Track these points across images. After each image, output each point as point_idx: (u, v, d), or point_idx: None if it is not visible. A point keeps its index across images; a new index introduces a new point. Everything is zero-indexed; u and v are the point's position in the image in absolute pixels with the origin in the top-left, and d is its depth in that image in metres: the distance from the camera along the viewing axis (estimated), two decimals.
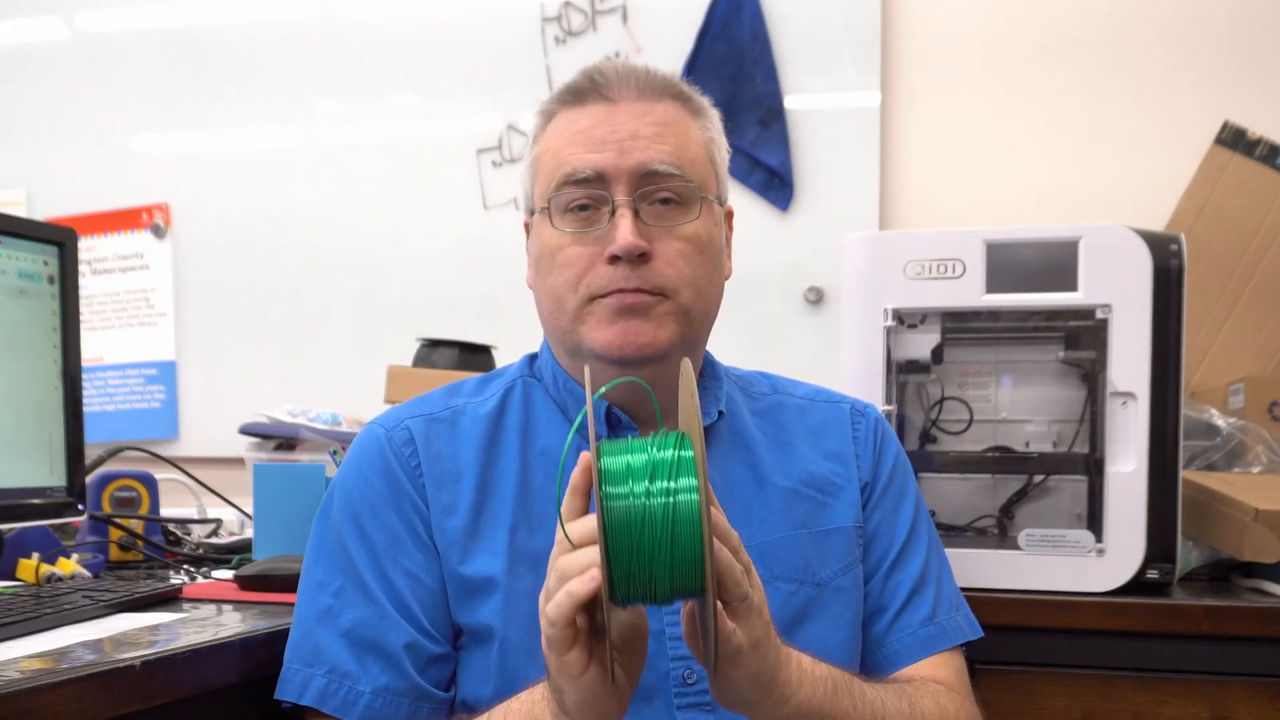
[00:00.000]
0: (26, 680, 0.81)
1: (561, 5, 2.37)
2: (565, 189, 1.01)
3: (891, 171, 2.23)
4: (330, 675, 0.98)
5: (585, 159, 1.01)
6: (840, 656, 1.05)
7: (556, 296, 1.03)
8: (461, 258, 2.43)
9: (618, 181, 1.00)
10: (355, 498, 1.03)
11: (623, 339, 1.00)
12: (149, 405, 2.62)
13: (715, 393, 1.11)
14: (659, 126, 1.03)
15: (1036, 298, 1.38)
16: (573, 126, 1.03)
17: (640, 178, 1.01)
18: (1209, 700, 1.31)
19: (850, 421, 1.16)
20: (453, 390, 1.12)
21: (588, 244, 1.01)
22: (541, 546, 1.00)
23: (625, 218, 0.99)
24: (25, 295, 1.29)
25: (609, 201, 1.01)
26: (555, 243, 1.03)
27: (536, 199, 1.06)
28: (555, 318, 1.04)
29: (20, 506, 1.28)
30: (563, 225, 1.02)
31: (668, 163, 1.01)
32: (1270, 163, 1.85)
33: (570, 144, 1.03)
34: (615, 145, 1.01)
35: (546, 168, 1.05)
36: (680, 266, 1.01)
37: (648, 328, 1.00)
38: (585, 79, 1.05)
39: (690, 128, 1.06)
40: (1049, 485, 1.46)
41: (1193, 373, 1.78)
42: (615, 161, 1.00)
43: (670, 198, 1.02)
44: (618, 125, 1.02)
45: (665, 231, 1.01)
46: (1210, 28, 2.09)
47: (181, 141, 2.60)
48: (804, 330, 2.23)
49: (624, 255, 0.98)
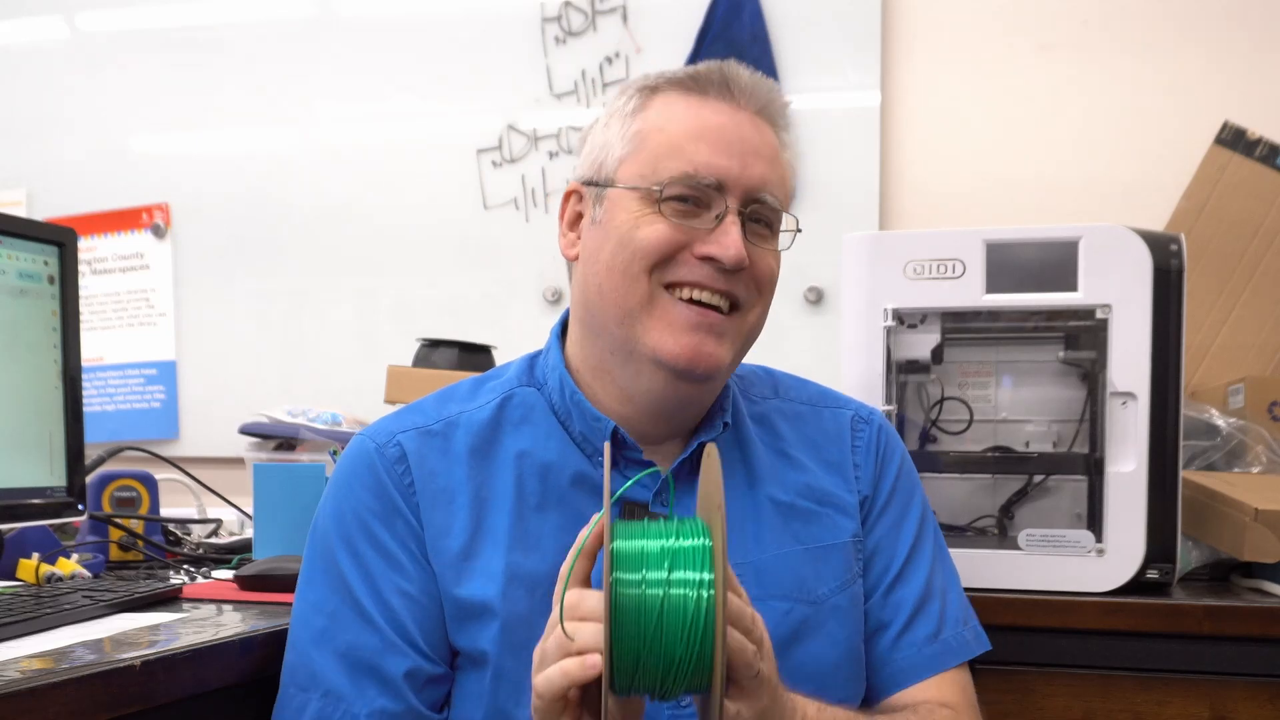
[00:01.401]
0: (26, 680, 0.81)
1: (561, 5, 2.37)
2: (680, 184, 0.99)
3: (891, 171, 2.23)
4: (326, 698, 0.97)
5: (712, 163, 0.99)
6: (837, 676, 1.04)
7: (630, 273, 0.99)
8: (461, 258, 2.43)
9: (733, 192, 1.00)
10: (348, 516, 1.01)
11: (694, 353, 0.98)
12: (149, 405, 2.62)
13: (723, 403, 1.08)
14: (773, 151, 1.04)
15: (1036, 298, 1.38)
16: (697, 117, 1.01)
17: (752, 197, 1.01)
18: (1209, 700, 1.31)
19: (851, 430, 1.14)
20: (446, 396, 1.08)
21: (680, 233, 0.99)
22: (537, 569, 0.98)
23: (736, 225, 0.99)
24: (25, 295, 1.29)
25: (716, 206, 1.00)
26: (645, 221, 1.00)
27: (626, 173, 1.02)
28: (619, 294, 1.00)
29: (20, 506, 1.28)
30: (666, 213, 0.99)
31: (775, 195, 1.03)
32: (1270, 163, 1.85)
33: (695, 138, 1.00)
34: (740, 157, 1.01)
35: (655, 149, 1.01)
36: (760, 288, 1.03)
37: (720, 350, 1.00)
38: (715, 71, 1.03)
39: (788, 161, 1.07)
40: (1049, 485, 1.46)
41: (1193, 373, 1.78)
42: (738, 174, 1.00)
43: (765, 220, 1.03)
44: (745, 136, 1.02)
45: (758, 253, 1.02)
46: (1210, 27, 2.09)
47: (181, 141, 2.60)
48: (804, 330, 2.23)
49: (732, 265, 0.98)
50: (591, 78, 2.36)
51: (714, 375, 1.01)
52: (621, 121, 1.04)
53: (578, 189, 1.06)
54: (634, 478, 0.94)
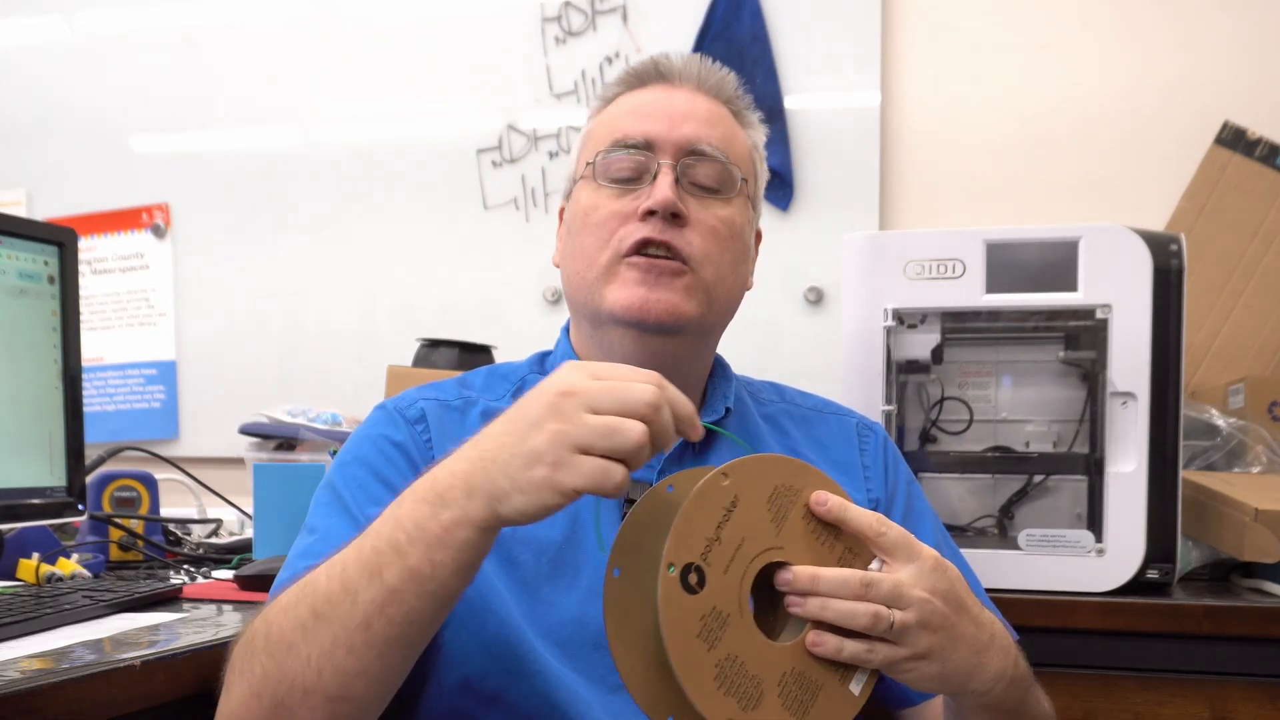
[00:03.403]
0: (26, 680, 0.81)
1: (561, 5, 2.37)
2: (613, 152, 1.04)
3: (891, 171, 2.23)
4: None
5: (637, 126, 1.04)
6: None
7: (588, 255, 1.04)
8: (461, 258, 2.43)
9: (664, 150, 1.03)
10: (359, 456, 1.01)
11: (644, 302, 1.00)
12: (149, 405, 2.62)
13: (724, 390, 1.11)
14: (711, 114, 1.06)
15: (1036, 298, 1.38)
16: (629, 103, 1.08)
17: (687, 150, 1.03)
18: (1209, 700, 1.31)
19: (857, 435, 1.15)
20: (463, 382, 1.11)
21: (625, 203, 1.03)
22: (544, 534, 0.99)
23: (666, 176, 1.02)
24: (25, 295, 1.29)
25: (653, 168, 1.03)
26: (592, 202, 1.05)
27: (580, 166, 1.08)
28: (582, 277, 1.04)
29: (20, 506, 1.28)
30: (603, 183, 1.04)
31: (715, 147, 1.04)
32: (1270, 163, 1.85)
33: (624, 116, 1.06)
34: (668, 119, 1.04)
35: (597, 136, 1.07)
36: (709, 241, 1.03)
37: (671, 296, 1.01)
38: (650, 63, 1.09)
39: (737, 130, 1.09)
40: (1049, 485, 1.46)
41: (1193, 373, 1.78)
42: (665, 131, 1.04)
43: (712, 184, 1.04)
44: (674, 103, 1.06)
45: (701, 207, 1.03)
46: (1210, 28, 2.09)
47: (181, 141, 2.60)
48: (804, 330, 2.23)
49: (659, 209, 1.00)
50: (591, 78, 2.35)
51: (675, 322, 1.01)
52: (582, 130, 1.13)
53: (562, 204, 1.13)
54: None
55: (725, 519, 0.78)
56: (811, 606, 0.78)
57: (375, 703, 0.82)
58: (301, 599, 0.82)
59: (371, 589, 0.78)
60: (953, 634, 0.80)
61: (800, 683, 0.78)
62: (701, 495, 0.77)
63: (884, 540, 0.80)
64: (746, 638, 0.77)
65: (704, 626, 0.76)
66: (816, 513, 0.80)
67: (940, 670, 0.80)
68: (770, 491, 0.80)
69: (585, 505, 1.01)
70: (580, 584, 0.99)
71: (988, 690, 0.84)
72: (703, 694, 0.75)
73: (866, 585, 0.78)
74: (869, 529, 0.80)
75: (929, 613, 0.79)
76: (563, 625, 0.97)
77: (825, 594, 0.77)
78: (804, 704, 0.78)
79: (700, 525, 0.77)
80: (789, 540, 0.80)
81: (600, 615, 0.78)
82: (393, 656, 0.79)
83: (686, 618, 0.75)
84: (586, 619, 0.97)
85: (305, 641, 0.79)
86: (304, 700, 0.79)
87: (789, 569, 0.79)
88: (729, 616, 0.77)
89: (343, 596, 0.79)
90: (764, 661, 0.78)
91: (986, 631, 0.84)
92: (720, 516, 0.77)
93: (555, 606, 0.98)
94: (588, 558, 1.00)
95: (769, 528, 0.79)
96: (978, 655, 0.82)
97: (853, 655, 0.78)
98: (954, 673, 0.81)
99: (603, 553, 0.82)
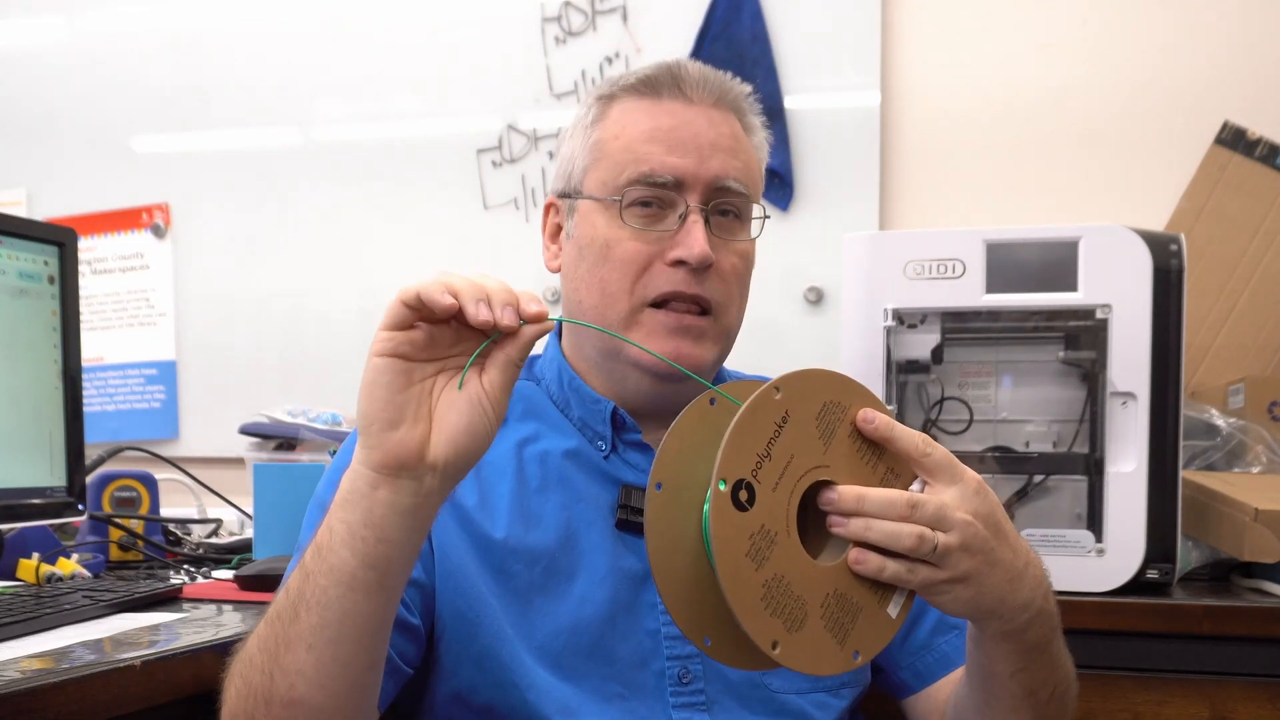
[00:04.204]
0: (26, 680, 0.81)
1: (561, 5, 2.37)
2: (638, 187, 1.01)
3: (891, 171, 2.23)
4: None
5: (666, 162, 1.01)
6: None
7: (608, 291, 1.02)
8: (461, 258, 2.43)
9: (693, 189, 1.01)
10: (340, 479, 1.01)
11: (674, 358, 0.99)
12: (149, 405, 2.62)
13: None
14: (733, 140, 1.04)
15: (1036, 298, 1.38)
16: (650, 120, 1.03)
17: (715, 190, 1.02)
18: (1209, 700, 1.31)
19: None
20: None
21: (649, 243, 1.01)
22: (538, 543, 0.99)
23: (699, 225, 1.00)
24: (25, 295, 1.29)
25: (679, 205, 1.01)
26: (614, 235, 1.02)
27: (590, 184, 1.04)
28: (600, 311, 1.03)
29: (20, 506, 1.28)
30: (630, 220, 1.01)
31: (740, 181, 1.03)
32: (1270, 163, 1.85)
33: (649, 140, 1.02)
34: (695, 152, 1.01)
35: (614, 156, 1.03)
36: (732, 284, 1.03)
37: (698, 351, 1.01)
38: (664, 72, 1.04)
39: (751, 149, 1.07)
40: (1049, 485, 1.46)
41: (1193, 373, 1.78)
42: (695, 170, 1.01)
43: (734, 221, 1.04)
44: (699, 131, 1.02)
45: (724, 244, 1.03)
46: (1210, 28, 2.09)
47: (181, 141, 2.60)
48: (804, 330, 2.23)
49: (697, 264, 0.99)
50: (591, 78, 2.35)
51: (697, 373, 1.01)
52: (583, 133, 1.07)
53: (554, 202, 1.10)
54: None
55: (776, 434, 0.75)
56: (855, 527, 0.76)
57: (330, 708, 0.79)
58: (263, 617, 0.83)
59: (296, 578, 0.79)
60: (991, 558, 0.79)
61: (841, 604, 0.77)
62: (754, 409, 0.74)
63: (928, 461, 0.79)
64: (793, 557, 0.75)
65: (753, 545, 0.74)
66: (863, 430, 0.79)
67: (974, 594, 0.79)
68: (820, 407, 0.77)
69: (578, 512, 1.01)
70: (573, 591, 0.98)
71: (1013, 618, 0.82)
72: (750, 614, 0.73)
73: (912, 506, 0.76)
74: (914, 449, 0.79)
75: (971, 535, 0.78)
76: (556, 635, 0.97)
77: (870, 514, 0.76)
78: (844, 626, 0.77)
79: (752, 440, 0.74)
80: (834, 458, 0.78)
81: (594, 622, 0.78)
82: (324, 651, 0.77)
83: (737, 535, 0.73)
84: (580, 627, 0.97)
85: (260, 650, 0.80)
86: (266, 711, 0.79)
87: (834, 488, 0.77)
88: (777, 535, 0.75)
89: (283, 598, 0.80)
90: (808, 582, 0.76)
91: (1022, 558, 0.83)
92: (772, 432, 0.75)
93: (549, 616, 0.97)
94: (580, 563, 1.00)
95: (817, 444, 0.77)
96: (1011, 581, 0.81)
97: (894, 575, 0.77)
98: (986, 597, 0.80)
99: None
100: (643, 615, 0.99)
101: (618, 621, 0.98)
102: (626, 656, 0.97)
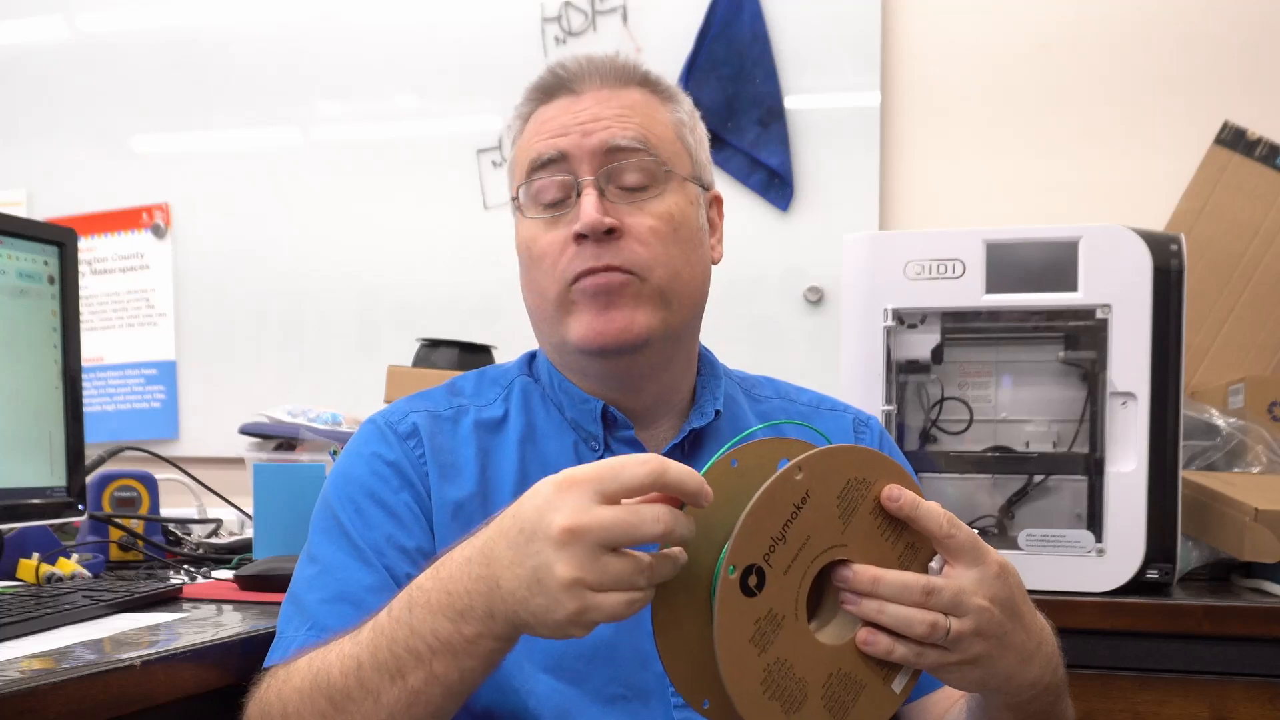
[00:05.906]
0: (26, 680, 0.81)
1: (561, 5, 2.37)
2: (533, 176, 1.02)
3: (891, 171, 2.23)
4: (312, 632, 0.94)
5: (548, 143, 1.02)
6: None
7: (539, 290, 1.03)
8: (461, 258, 2.43)
9: (581, 161, 1.00)
10: (354, 479, 1.01)
11: (600, 328, 0.98)
12: (149, 405, 2.62)
13: (713, 391, 1.09)
14: (623, 109, 1.03)
15: (1036, 298, 1.38)
16: (539, 120, 1.05)
17: (604, 155, 1.00)
18: (1209, 700, 1.31)
19: (854, 430, 1.14)
20: (453, 389, 1.10)
21: (559, 232, 1.01)
22: None
23: (589, 195, 0.99)
24: (25, 295, 1.29)
25: (574, 184, 1.01)
26: (529, 234, 1.03)
27: (513, 197, 1.07)
28: (540, 311, 1.04)
29: (20, 506, 1.28)
30: (533, 214, 1.03)
31: (632, 138, 1.00)
32: (1270, 163, 1.85)
33: (537, 135, 1.04)
34: (578, 128, 1.01)
35: (519, 164, 1.06)
36: (652, 244, 0.99)
37: (623, 313, 0.98)
38: (550, 75, 1.06)
39: (658, 110, 1.05)
40: (1049, 485, 1.46)
41: (1193, 373, 1.78)
42: (577, 142, 1.01)
43: (639, 182, 1.01)
44: (580, 110, 1.02)
45: (634, 209, 1.00)
46: (1210, 28, 2.09)
47: (181, 141, 2.60)
48: (804, 330, 2.23)
49: (589, 231, 0.97)
50: None
51: (635, 340, 0.99)
52: (511, 151, 1.11)
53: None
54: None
55: (794, 516, 0.73)
56: (868, 608, 0.75)
57: None
58: (316, 688, 0.83)
59: (394, 690, 0.79)
60: (1004, 642, 0.78)
61: (844, 683, 0.76)
62: (771, 494, 0.72)
63: (952, 543, 0.78)
64: (798, 640, 0.75)
65: (757, 630, 0.73)
66: (888, 508, 0.77)
67: (983, 674, 0.79)
68: (843, 485, 0.76)
69: None
70: None
71: (1020, 694, 0.82)
72: (747, 700, 0.73)
73: (928, 594, 0.75)
74: (939, 529, 0.77)
75: (985, 621, 0.77)
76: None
77: (885, 598, 0.75)
78: (846, 704, 0.76)
79: (767, 525, 0.73)
80: (853, 536, 0.76)
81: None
82: None
83: (741, 621, 0.72)
84: None
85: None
86: None
87: (849, 566, 0.76)
88: (784, 619, 0.74)
89: (363, 695, 0.80)
90: (812, 663, 0.75)
91: (1035, 639, 0.82)
92: (788, 515, 0.73)
93: None
94: None
95: (836, 524, 0.75)
96: (1022, 663, 0.80)
97: (902, 658, 0.76)
98: (995, 677, 0.79)
99: None
100: (644, 614, 0.99)
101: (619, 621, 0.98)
102: (628, 656, 0.97)
